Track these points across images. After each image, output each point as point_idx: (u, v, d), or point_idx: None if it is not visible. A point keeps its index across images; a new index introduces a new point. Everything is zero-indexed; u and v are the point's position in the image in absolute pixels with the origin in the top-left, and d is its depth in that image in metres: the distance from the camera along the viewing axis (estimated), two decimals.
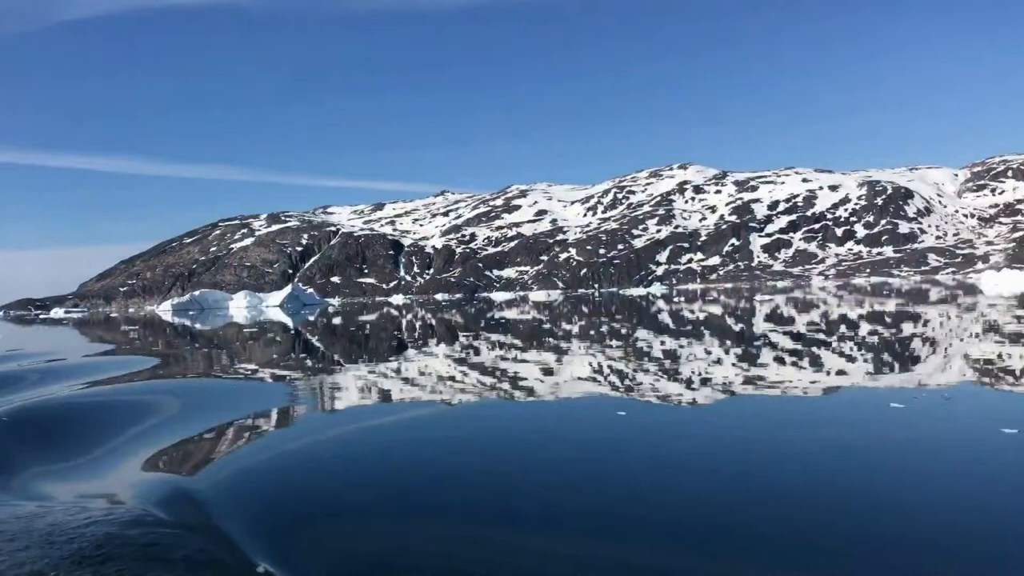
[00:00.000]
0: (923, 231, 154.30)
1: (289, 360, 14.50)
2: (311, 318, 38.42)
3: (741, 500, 4.19)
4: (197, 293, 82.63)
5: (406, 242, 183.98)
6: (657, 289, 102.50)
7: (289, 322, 33.71)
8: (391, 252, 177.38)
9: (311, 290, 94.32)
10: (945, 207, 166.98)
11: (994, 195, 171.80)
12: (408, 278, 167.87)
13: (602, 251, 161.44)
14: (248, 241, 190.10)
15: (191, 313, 63.24)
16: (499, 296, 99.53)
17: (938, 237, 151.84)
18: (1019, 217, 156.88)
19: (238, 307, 71.44)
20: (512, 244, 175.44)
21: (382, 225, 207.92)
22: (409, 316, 35.56)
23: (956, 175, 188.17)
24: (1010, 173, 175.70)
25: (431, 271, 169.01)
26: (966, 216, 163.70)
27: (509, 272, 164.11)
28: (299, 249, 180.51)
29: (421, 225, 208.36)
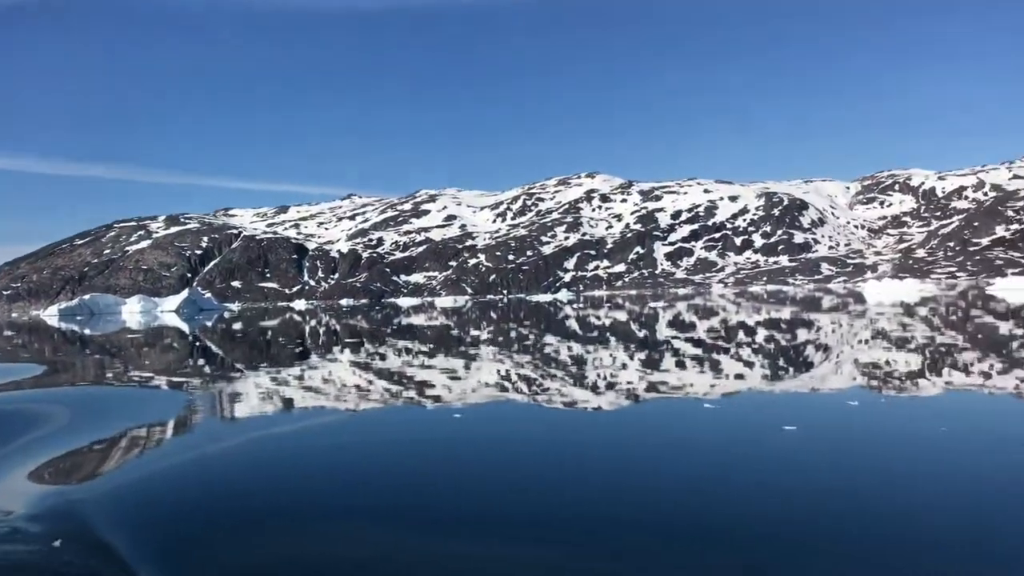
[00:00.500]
0: (817, 241, 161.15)
1: (186, 367, 13.98)
2: (208, 323, 37.22)
3: (639, 499, 4.25)
4: (87, 297, 78.77)
5: (311, 246, 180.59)
6: (564, 295, 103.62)
7: (185, 327, 32.56)
8: (295, 256, 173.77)
9: (210, 295, 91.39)
10: (838, 218, 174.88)
11: (882, 208, 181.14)
12: (312, 283, 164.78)
13: (511, 257, 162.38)
14: (145, 243, 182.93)
15: (80, 318, 60.36)
16: (406, 302, 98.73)
17: (831, 247, 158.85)
18: (905, 229, 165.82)
19: (131, 312, 68.55)
20: (421, 249, 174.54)
21: (286, 228, 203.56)
22: (313, 322, 34.87)
23: (848, 188, 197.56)
24: (897, 187, 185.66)
25: (336, 276, 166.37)
26: (857, 227, 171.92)
27: (417, 277, 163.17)
28: (199, 252, 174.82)
29: (327, 229, 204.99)
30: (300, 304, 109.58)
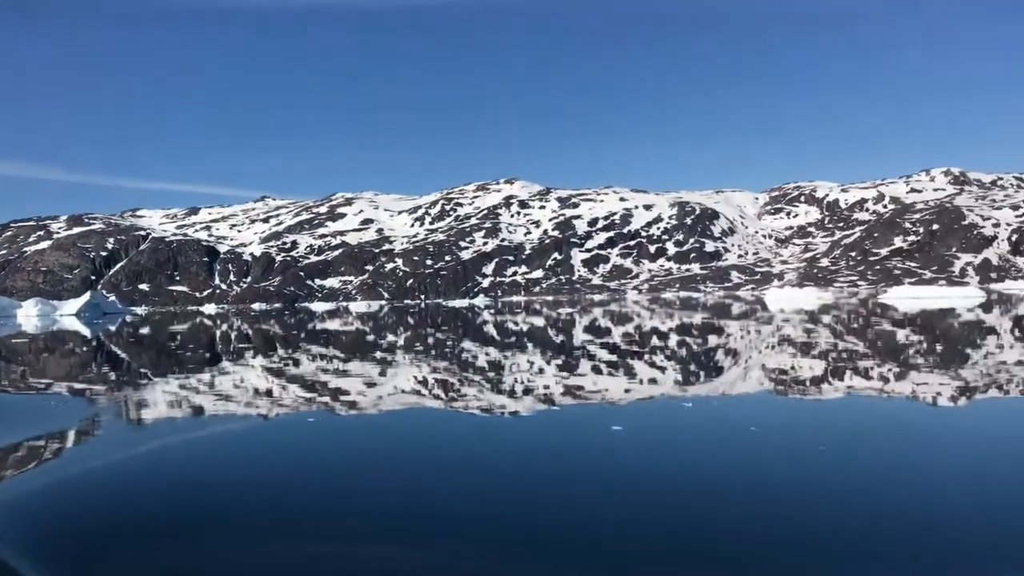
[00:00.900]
0: (727, 250, 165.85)
1: (87, 373, 13.40)
2: (112, 328, 35.79)
3: (550, 502, 4.28)
4: None
5: (222, 249, 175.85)
6: (481, 301, 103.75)
7: (87, 331, 31.23)
8: (206, 259, 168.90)
9: (114, 298, 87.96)
10: (747, 228, 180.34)
11: (789, 218, 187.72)
12: (224, 287, 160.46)
13: (429, 262, 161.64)
14: (45, 244, 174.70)
15: None
16: (320, 306, 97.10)
17: (740, 256, 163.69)
18: (810, 239, 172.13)
19: (27, 315, 65.27)
20: (336, 253, 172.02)
21: (197, 231, 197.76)
22: (224, 326, 33.94)
23: (757, 198, 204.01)
24: (802, 199, 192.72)
25: (249, 279, 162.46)
26: (765, 237, 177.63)
27: (332, 282, 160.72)
28: (104, 254, 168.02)
29: (239, 231, 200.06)
30: (210, 308, 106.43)
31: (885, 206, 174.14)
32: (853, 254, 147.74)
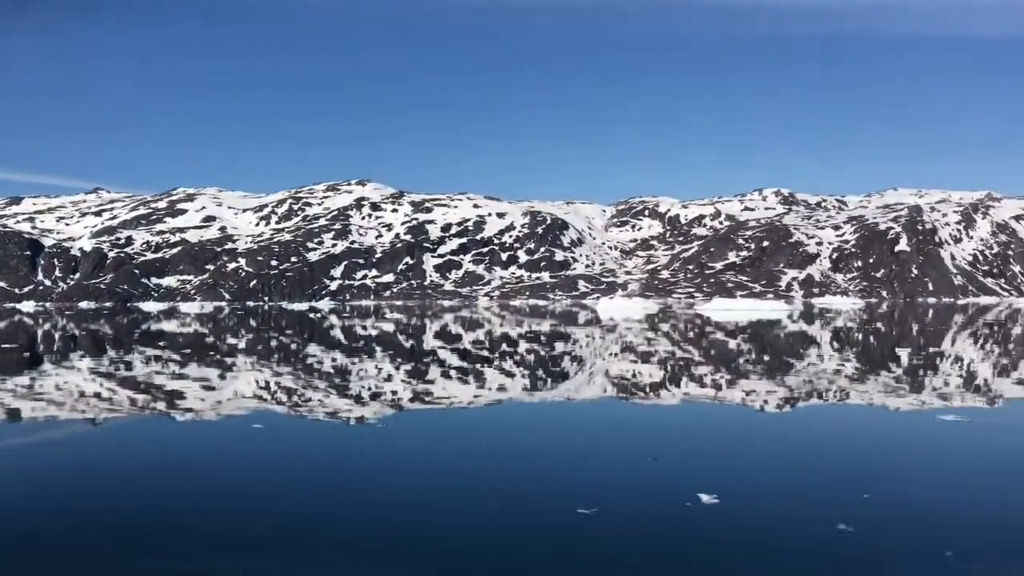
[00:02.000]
0: (576, 260, 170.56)
1: None
2: None
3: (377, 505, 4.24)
4: None
5: (48, 242, 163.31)
6: (326, 304, 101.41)
7: None
8: (28, 253, 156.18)
9: None
10: (595, 239, 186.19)
11: (634, 231, 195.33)
12: (48, 283, 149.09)
13: (274, 263, 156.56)
14: None
15: None
16: (155, 306, 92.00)
17: (587, 265, 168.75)
18: (652, 251, 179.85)
19: None
20: (175, 251, 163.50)
21: (18, 222, 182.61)
22: (47, 326, 31.52)
23: (604, 211, 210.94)
24: (646, 212, 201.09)
25: (77, 276, 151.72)
26: (611, 248, 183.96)
27: (170, 281, 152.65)
28: None
29: (68, 224, 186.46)
30: (28, 306, 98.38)
31: (721, 223, 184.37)
32: (691, 267, 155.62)
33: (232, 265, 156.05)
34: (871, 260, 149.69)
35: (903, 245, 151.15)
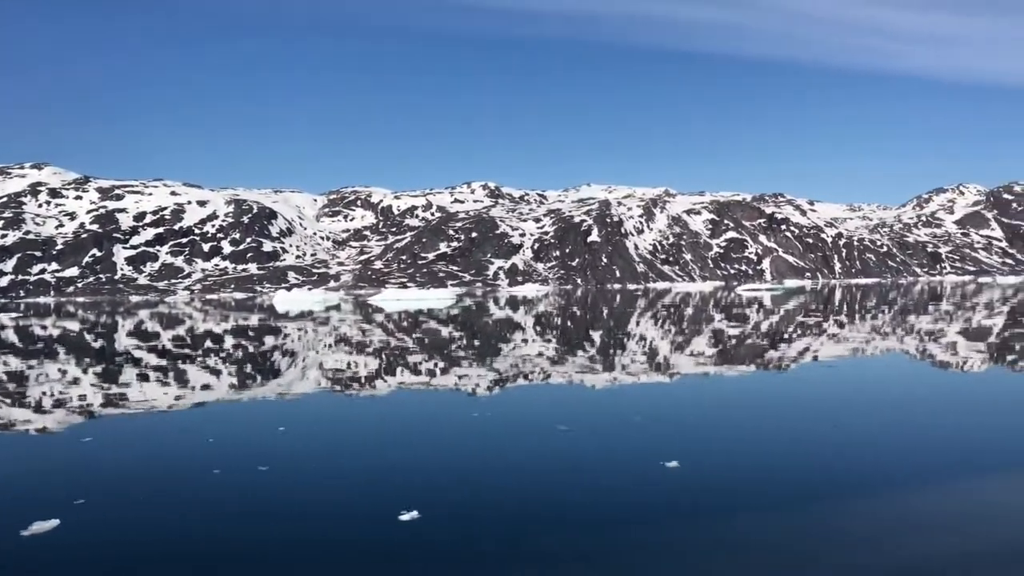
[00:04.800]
0: (285, 250, 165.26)
1: None
2: None
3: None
4: None
5: None
6: None
7: None
8: None
9: None
10: (306, 229, 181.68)
11: (347, 221, 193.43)
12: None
13: None
14: None
15: None
16: None
17: (298, 256, 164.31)
18: (365, 242, 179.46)
19: None
20: None
21: None
22: None
23: (316, 200, 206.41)
24: (359, 203, 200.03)
25: None
26: (323, 238, 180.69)
27: None
28: None
29: None
30: None
31: (433, 214, 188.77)
32: (404, 257, 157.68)
33: None
34: (568, 250, 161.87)
35: (595, 236, 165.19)
